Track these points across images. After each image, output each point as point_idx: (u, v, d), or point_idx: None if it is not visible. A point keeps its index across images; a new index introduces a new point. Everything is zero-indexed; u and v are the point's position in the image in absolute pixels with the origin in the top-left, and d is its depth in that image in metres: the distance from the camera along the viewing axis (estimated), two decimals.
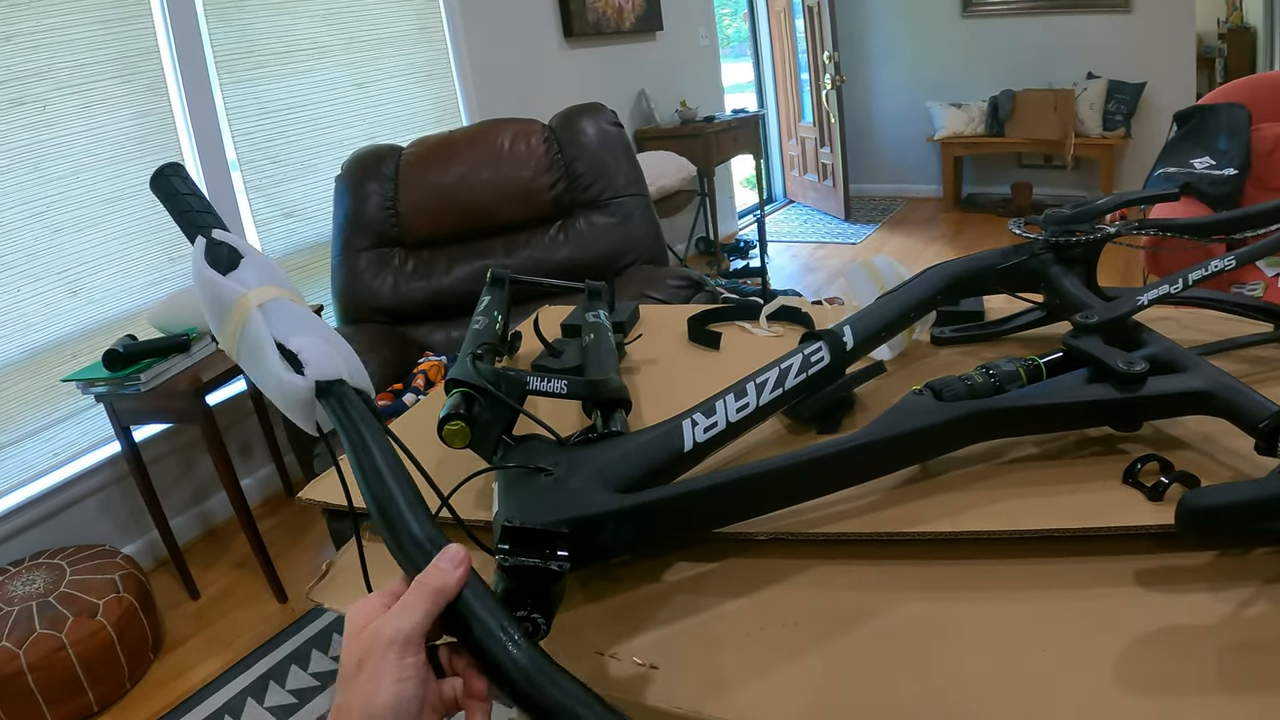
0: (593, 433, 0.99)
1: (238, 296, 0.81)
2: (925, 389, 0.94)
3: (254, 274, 0.84)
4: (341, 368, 0.80)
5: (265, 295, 0.82)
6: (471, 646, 0.62)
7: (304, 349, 0.79)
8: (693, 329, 1.53)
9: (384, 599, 0.63)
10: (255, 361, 0.80)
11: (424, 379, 2.71)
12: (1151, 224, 1.35)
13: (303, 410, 0.79)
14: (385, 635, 0.58)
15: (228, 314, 0.81)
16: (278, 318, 0.81)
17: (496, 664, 0.60)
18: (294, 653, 2.64)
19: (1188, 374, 0.94)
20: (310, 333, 0.81)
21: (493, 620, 0.61)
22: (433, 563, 0.63)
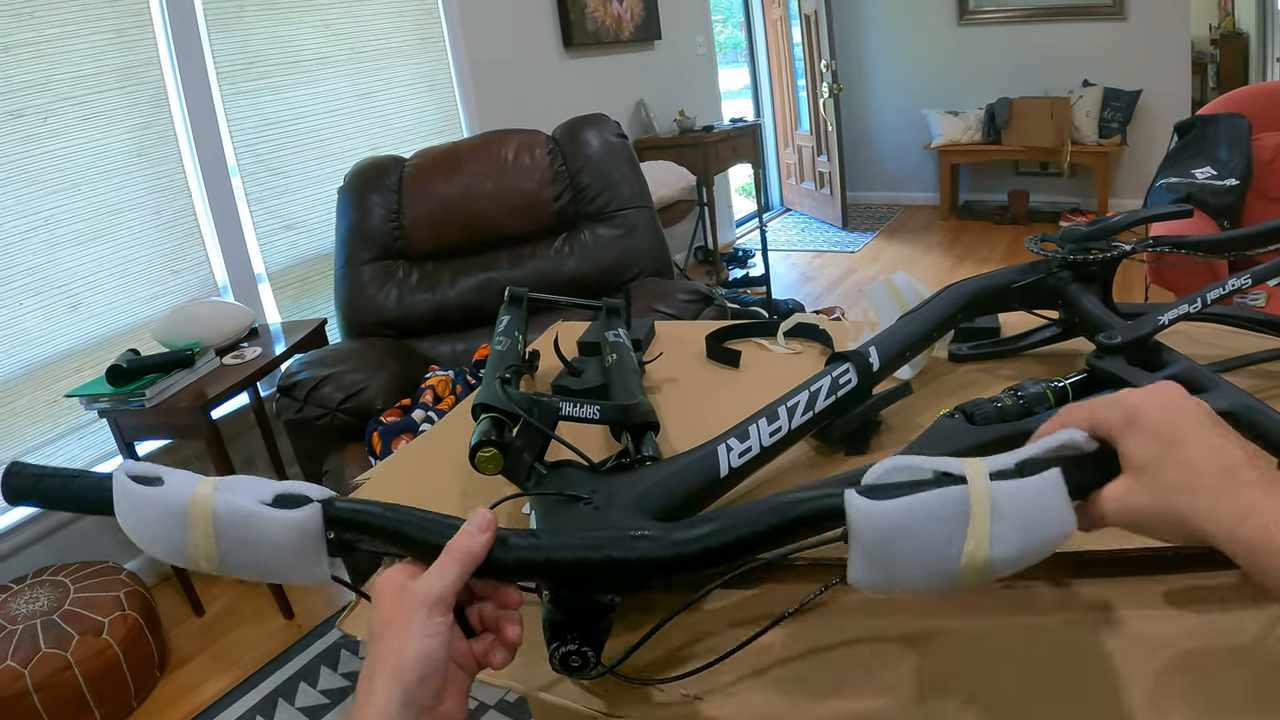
0: (626, 457, 0.99)
1: (189, 496, 0.67)
2: (957, 412, 0.94)
3: (179, 476, 0.70)
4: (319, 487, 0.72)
5: (209, 480, 0.70)
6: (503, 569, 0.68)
7: (291, 485, 0.71)
8: (711, 347, 1.53)
9: (410, 568, 0.67)
10: (247, 542, 0.68)
11: (432, 394, 2.70)
12: (1166, 241, 1.35)
13: (316, 555, 0.70)
14: (419, 595, 0.63)
15: (186, 522, 0.67)
16: (238, 484, 0.70)
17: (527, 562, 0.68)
18: (302, 670, 2.63)
19: (1211, 395, 0.94)
20: (274, 482, 0.71)
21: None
22: (462, 528, 0.67)
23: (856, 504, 0.61)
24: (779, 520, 0.66)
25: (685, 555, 0.68)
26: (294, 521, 0.68)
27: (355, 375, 2.74)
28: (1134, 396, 0.61)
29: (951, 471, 0.61)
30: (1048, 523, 0.60)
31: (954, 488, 0.59)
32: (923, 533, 0.60)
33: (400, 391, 2.79)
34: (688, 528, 0.69)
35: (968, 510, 0.59)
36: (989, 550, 0.58)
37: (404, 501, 1.18)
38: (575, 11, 5.21)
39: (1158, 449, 0.58)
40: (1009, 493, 0.59)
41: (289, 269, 3.75)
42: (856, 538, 0.61)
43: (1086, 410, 0.64)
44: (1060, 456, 0.63)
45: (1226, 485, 0.54)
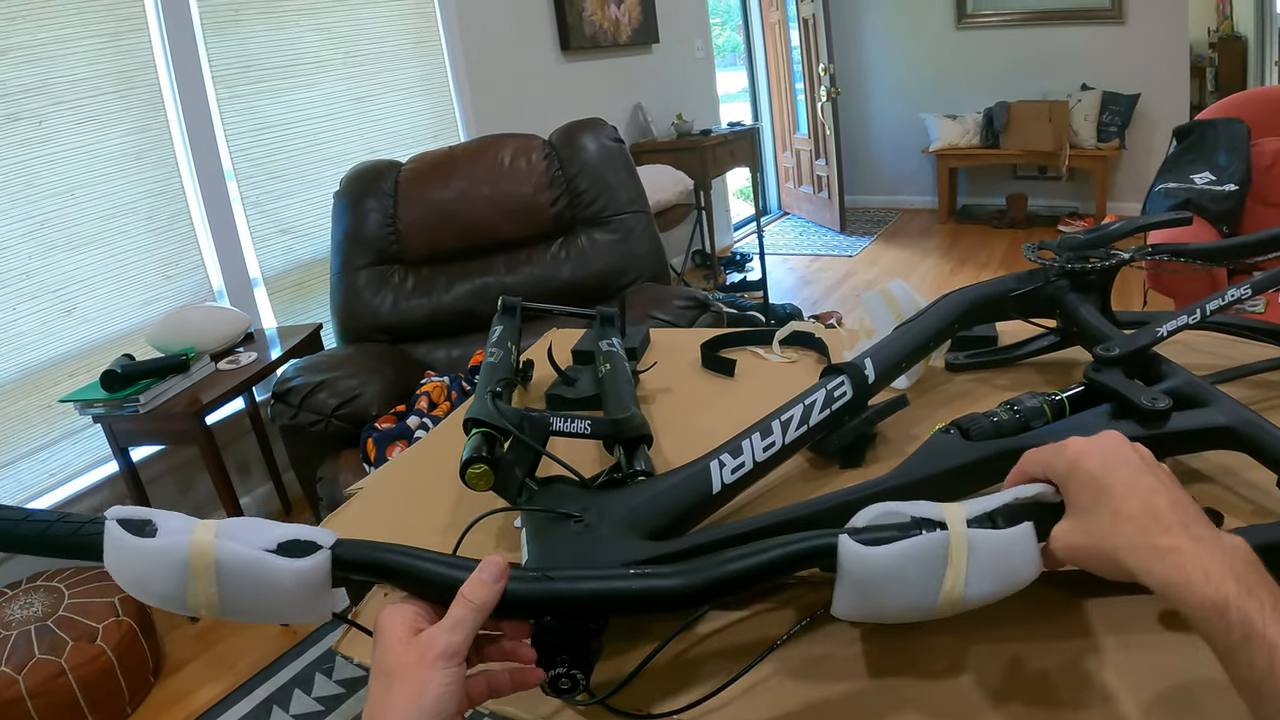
0: (617, 472, 0.98)
1: (189, 545, 0.65)
2: (952, 428, 0.93)
3: (172, 520, 0.68)
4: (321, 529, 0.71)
5: (208, 525, 0.67)
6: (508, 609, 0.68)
7: (296, 533, 0.69)
8: (706, 356, 1.52)
9: (415, 607, 0.68)
10: (252, 590, 0.67)
11: (427, 400, 2.69)
12: (1165, 249, 1.34)
13: (322, 597, 0.69)
14: (437, 648, 0.63)
15: (188, 572, 0.65)
16: (239, 530, 0.68)
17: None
18: (296, 677, 2.61)
19: (1210, 409, 0.94)
20: (276, 524, 0.70)
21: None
22: (476, 575, 0.67)
23: (850, 548, 0.66)
24: (780, 557, 0.69)
25: (693, 588, 0.69)
26: (302, 571, 0.67)
27: (350, 381, 2.73)
28: (1076, 445, 0.68)
29: (933, 518, 0.67)
30: (1017, 567, 0.67)
31: (937, 533, 0.66)
32: (907, 573, 0.66)
33: (395, 397, 2.77)
34: (695, 563, 0.71)
35: (947, 553, 0.65)
36: (964, 588, 0.65)
37: (397, 512, 1.19)
38: (573, 15, 5.20)
39: (1092, 495, 0.65)
40: (984, 540, 0.66)
41: (285, 273, 3.74)
42: (847, 576, 0.67)
43: (1040, 457, 0.71)
44: (1032, 506, 0.69)
45: (1149, 527, 0.60)
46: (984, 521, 0.67)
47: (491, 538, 1.04)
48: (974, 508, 0.68)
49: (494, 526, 1.05)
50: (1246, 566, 0.57)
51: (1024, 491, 0.69)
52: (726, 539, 0.82)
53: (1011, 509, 0.68)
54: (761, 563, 0.69)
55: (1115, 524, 0.62)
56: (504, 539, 1.03)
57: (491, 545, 1.03)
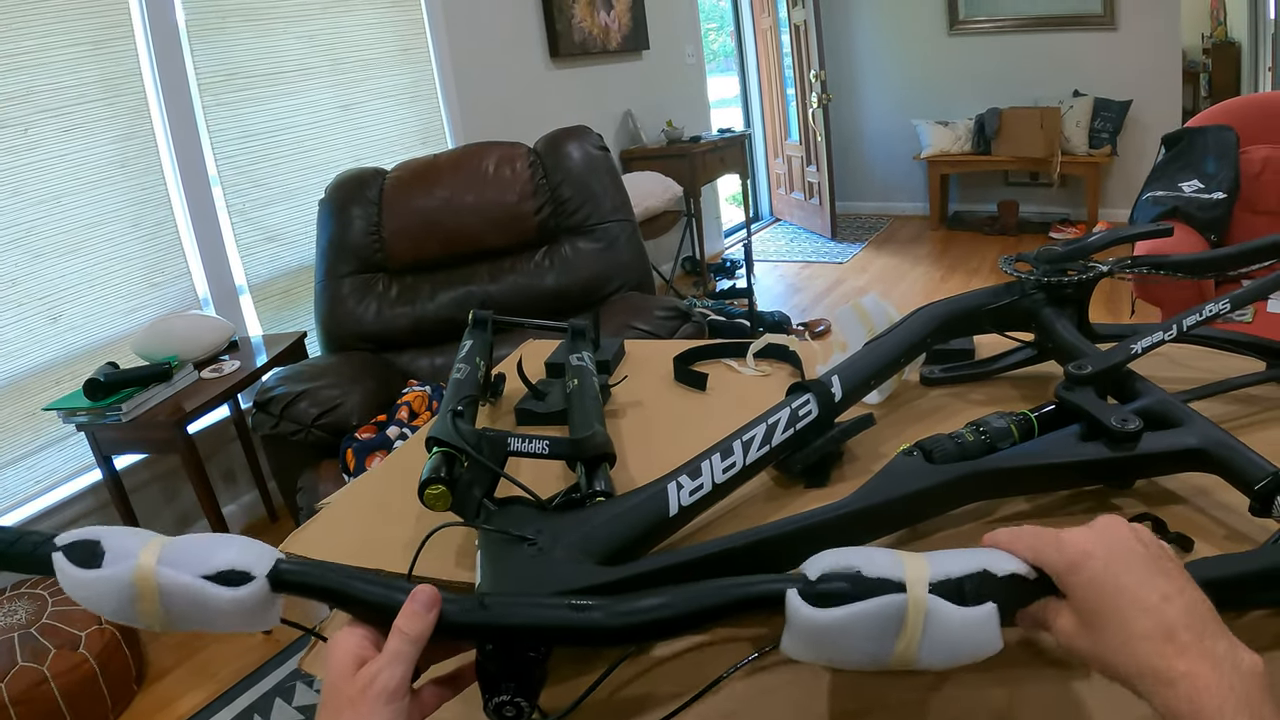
0: (576, 492, 0.96)
1: (132, 571, 0.68)
2: (915, 449, 0.92)
3: (122, 541, 0.71)
4: (263, 549, 0.72)
5: (151, 549, 0.69)
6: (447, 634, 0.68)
7: (233, 560, 0.70)
8: (678, 369, 1.50)
9: (366, 632, 0.68)
10: (194, 610, 0.69)
11: (408, 410, 2.68)
12: (1145, 262, 1.32)
13: (264, 613, 0.71)
14: (377, 687, 0.63)
15: (134, 595, 0.68)
16: (180, 555, 0.70)
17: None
18: (277, 686, 2.60)
19: (1182, 430, 0.92)
20: (219, 544, 0.71)
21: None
22: (408, 605, 0.67)
23: (797, 607, 0.64)
24: (723, 602, 0.68)
25: (630, 627, 0.68)
26: (238, 599, 0.69)
27: (331, 391, 2.72)
28: (1077, 544, 0.63)
29: (891, 579, 0.63)
30: (976, 644, 0.63)
31: (893, 597, 0.62)
32: (857, 635, 0.63)
33: (377, 407, 2.77)
34: (634, 600, 0.69)
35: (903, 617, 0.62)
36: (917, 654, 0.62)
37: (362, 528, 1.18)
38: (562, 22, 5.19)
39: (1098, 603, 0.60)
40: (944, 614, 0.62)
41: (271, 281, 3.73)
42: (794, 630, 0.65)
43: (1031, 541, 0.66)
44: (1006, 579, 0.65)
45: (1163, 650, 0.56)
46: (949, 588, 0.63)
47: (451, 557, 1.03)
48: (940, 567, 0.64)
49: (454, 545, 1.04)
50: (1261, 695, 0.54)
51: (999, 564, 0.64)
52: (678, 565, 0.81)
53: (981, 580, 0.64)
54: (704, 607, 0.68)
55: (1125, 641, 0.58)
56: (464, 559, 1.01)
57: (451, 565, 1.01)
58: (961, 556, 0.66)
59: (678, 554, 0.83)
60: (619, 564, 0.83)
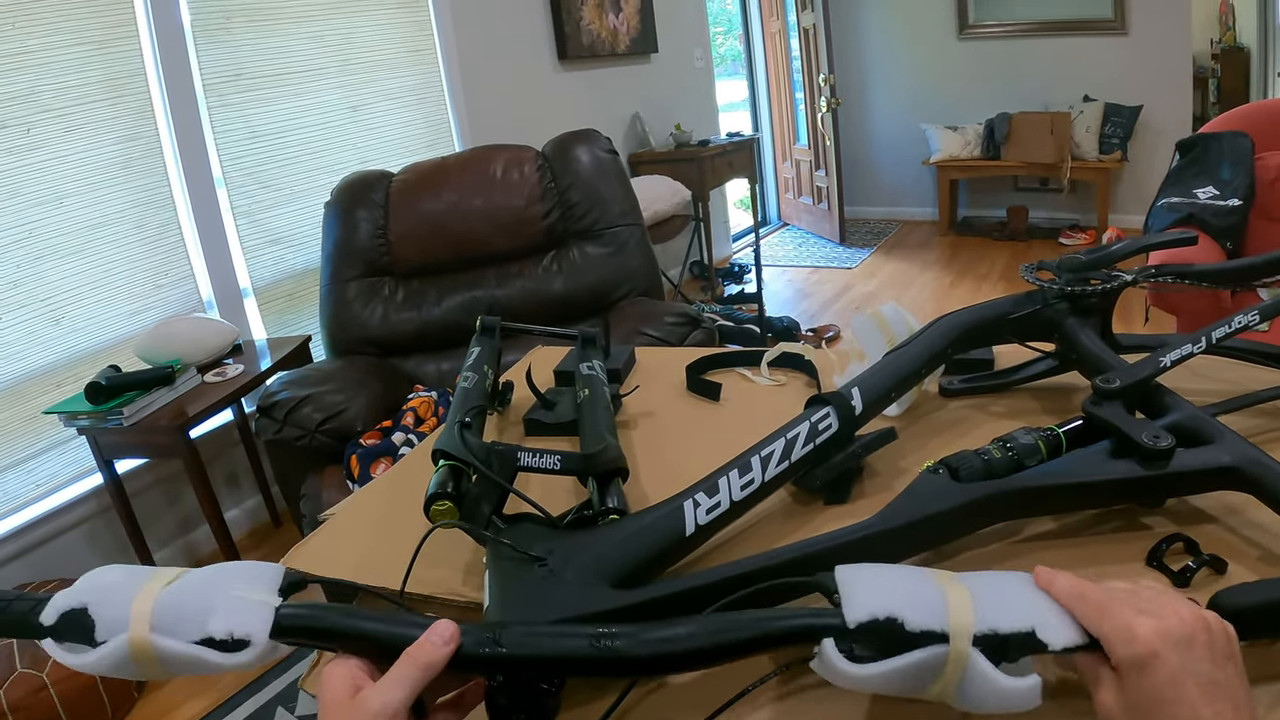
0: (588, 509, 0.93)
1: (127, 646, 0.65)
2: (941, 467, 0.88)
3: (112, 603, 0.67)
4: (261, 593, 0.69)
5: (142, 614, 0.66)
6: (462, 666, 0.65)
7: (230, 627, 0.66)
8: (691, 378, 1.47)
9: (362, 665, 0.66)
10: (198, 668, 0.67)
11: (413, 416, 2.65)
12: (1169, 271, 1.29)
13: (266, 659, 0.68)
14: (372, 708, 0.61)
15: (134, 665, 0.66)
16: (173, 620, 0.66)
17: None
18: (280, 695, 2.57)
19: (1215, 447, 0.89)
20: (215, 601, 0.68)
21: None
22: (424, 636, 0.64)
23: (833, 658, 0.62)
24: (753, 636, 0.65)
25: (653, 658, 0.65)
26: (241, 663, 0.66)
27: (336, 396, 2.69)
28: (1152, 641, 0.59)
29: (935, 630, 0.60)
30: (1012, 703, 0.61)
31: (933, 650, 0.60)
32: (891, 682, 0.61)
33: (382, 412, 2.74)
34: (658, 630, 0.66)
35: (943, 665, 0.60)
36: (954, 697, 0.61)
37: (365, 541, 1.14)
38: (570, 24, 5.16)
39: (1151, 706, 0.58)
40: (984, 671, 0.60)
41: (276, 284, 3.70)
42: (825, 670, 0.63)
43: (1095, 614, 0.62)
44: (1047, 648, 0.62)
45: None
46: (993, 644, 0.60)
47: (459, 574, 0.99)
48: (987, 617, 0.61)
49: (461, 562, 1.01)
50: None
51: (1052, 634, 0.61)
52: (696, 589, 0.78)
53: (1028, 640, 0.61)
54: (733, 641, 0.65)
55: None
56: (472, 577, 0.98)
57: (458, 582, 0.98)
58: (1011, 605, 0.63)
59: (695, 578, 0.80)
60: (634, 586, 0.81)
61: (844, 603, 0.63)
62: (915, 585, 0.63)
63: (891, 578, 0.65)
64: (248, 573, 0.70)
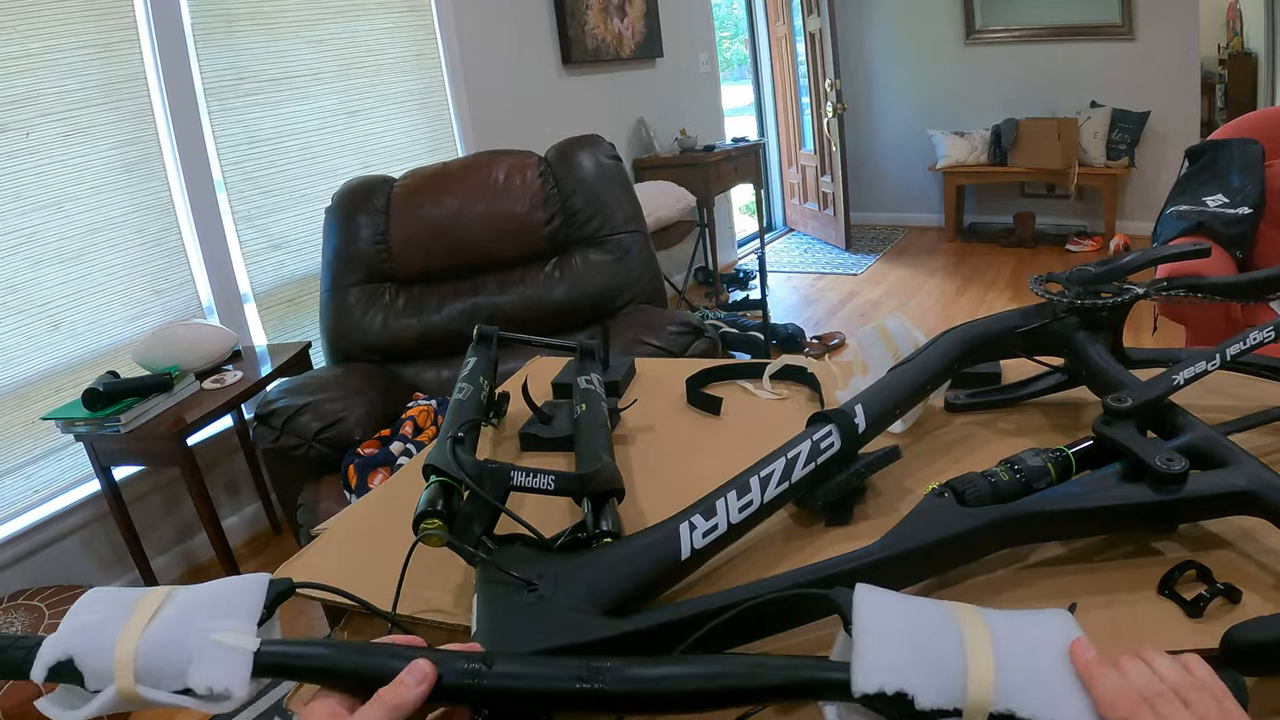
0: (582, 530, 0.90)
1: (115, 696, 0.66)
2: (946, 489, 0.86)
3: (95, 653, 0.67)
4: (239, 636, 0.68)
5: (125, 664, 0.66)
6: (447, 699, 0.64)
7: (210, 681, 0.65)
8: (691, 392, 1.45)
9: (342, 701, 0.65)
10: (183, 707, 0.67)
11: (412, 425, 2.63)
12: (1182, 284, 1.27)
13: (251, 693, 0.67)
14: None
15: (128, 705, 0.67)
16: (156, 670, 0.66)
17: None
18: (274, 706, 2.55)
19: (1230, 470, 0.87)
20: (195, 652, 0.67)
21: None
22: (399, 677, 0.63)
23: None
24: (751, 686, 0.63)
25: (642, 696, 0.63)
26: (222, 709, 0.67)
27: (334, 404, 2.67)
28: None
29: (947, 709, 0.57)
30: None
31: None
32: None
33: (382, 420, 2.71)
34: (650, 668, 0.64)
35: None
36: None
37: (357, 557, 1.12)
38: (575, 28, 5.15)
39: None
40: None
41: (276, 289, 3.68)
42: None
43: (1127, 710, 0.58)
44: None
45: None
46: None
47: (450, 595, 0.97)
48: (1007, 694, 0.58)
49: (452, 584, 0.98)
50: None
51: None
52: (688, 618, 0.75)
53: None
54: (729, 688, 0.62)
55: None
56: (463, 597, 0.96)
57: (449, 603, 0.95)
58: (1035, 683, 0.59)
59: (689, 605, 0.77)
60: (627, 612, 0.78)
61: (855, 661, 0.60)
62: (936, 646, 0.60)
63: (911, 632, 0.61)
64: (229, 604, 0.69)
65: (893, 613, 0.63)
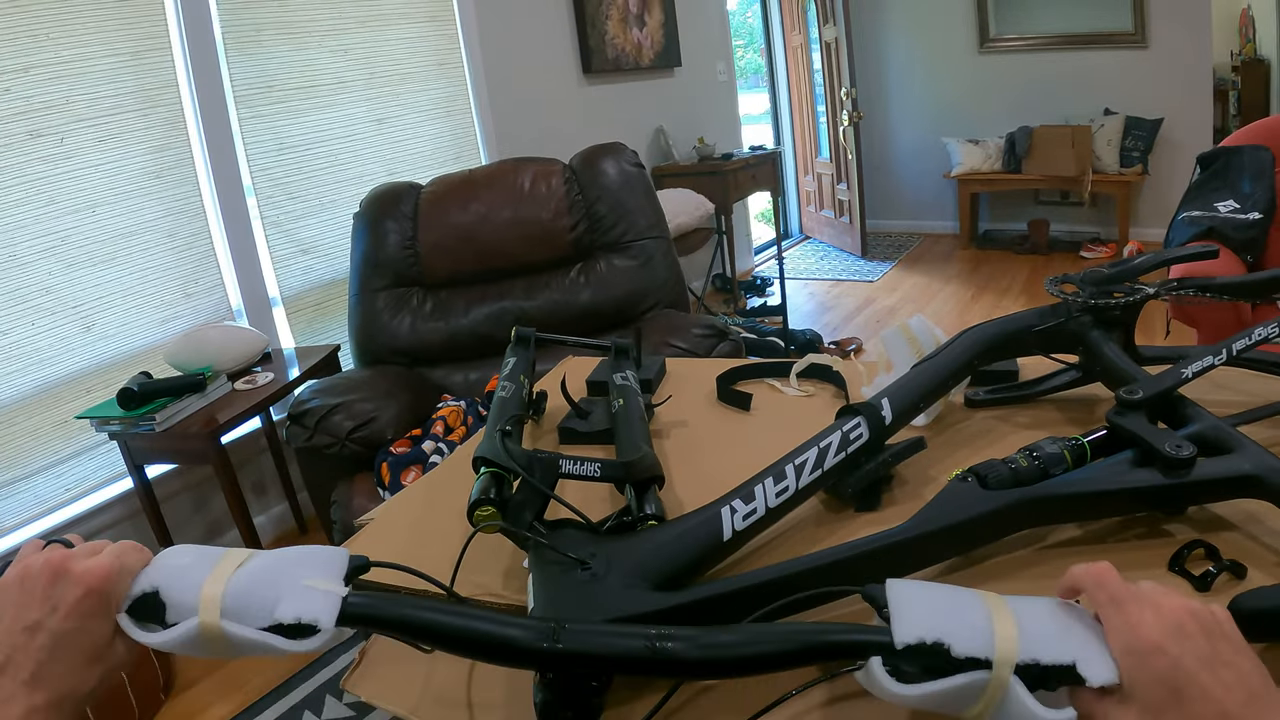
0: (627, 515, 0.96)
1: (197, 628, 0.67)
2: (970, 475, 0.91)
3: (183, 587, 0.69)
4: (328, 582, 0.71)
5: (213, 599, 0.68)
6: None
7: (299, 612, 0.68)
8: (722, 389, 1.50)
9: None
10: (265, 652, 0.68)
11: (443, 425, 2.68)
12: (1192, 284, 1.31)
13: (331, 644, 0.70)
14: None
15: (204, 644, 0.68)
16: (243, 606, 0.68)
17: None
18: (307, 698, 2.60)
19: (1235, 456, 0.91)
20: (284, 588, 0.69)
21: None
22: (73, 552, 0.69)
23: (879, 676, 0.63)
24: (807, 646, 0.67)
25: (709, 661, 0.67)
26: (308, 648, 0.68)
27: (366, 404, 2.73)
28: (1152, 636, 0.62)
29: (979, 658, 0.62)
30: None
31: (977, 675, 0.62)
32: (932, 701, 0.63)
33: (412, 421, 2.77)
34: (715, 635, 0.68)
35: (982, 690, 0.62)
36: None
37: (405, 544, 1.17)
38: (595, 38, 5.21)
39: (1163, 694, 0.60)
40: (1022, 700, 0.61)
41: (304, 293, 3.74)
42: (871, 685, 0.65)
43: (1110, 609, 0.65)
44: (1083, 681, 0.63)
45: None
46: (1033, 674, 0.62)
47: (499, 578, 1.02)
48: (1031, 645, 0.63)
49: (500, 567, 1.03)
50: None
51: (1092, 670, 0.62)
52: (738, 591, 0.80)
53: (1068, 674, 0.62)
54: (788, 649, 0.67)
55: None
56: (511, 580, 1.01)
57: (499, 585, 1.01)
58: (1055, 637, 0.64)
59: (736, 580, 0.82)
60: (672, 589, 0.83)
61: (894, 621, 0.65)
62: (964, 610, 0.65)
63: (942, 599, 0.67)
64: (315, 558, 0.72)
65: (922, 589, 0.68)
